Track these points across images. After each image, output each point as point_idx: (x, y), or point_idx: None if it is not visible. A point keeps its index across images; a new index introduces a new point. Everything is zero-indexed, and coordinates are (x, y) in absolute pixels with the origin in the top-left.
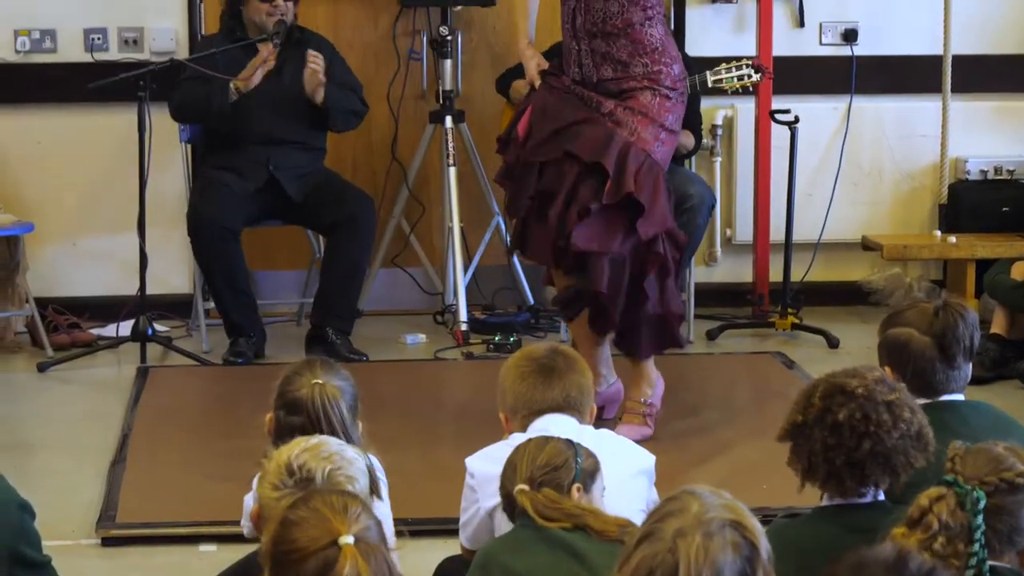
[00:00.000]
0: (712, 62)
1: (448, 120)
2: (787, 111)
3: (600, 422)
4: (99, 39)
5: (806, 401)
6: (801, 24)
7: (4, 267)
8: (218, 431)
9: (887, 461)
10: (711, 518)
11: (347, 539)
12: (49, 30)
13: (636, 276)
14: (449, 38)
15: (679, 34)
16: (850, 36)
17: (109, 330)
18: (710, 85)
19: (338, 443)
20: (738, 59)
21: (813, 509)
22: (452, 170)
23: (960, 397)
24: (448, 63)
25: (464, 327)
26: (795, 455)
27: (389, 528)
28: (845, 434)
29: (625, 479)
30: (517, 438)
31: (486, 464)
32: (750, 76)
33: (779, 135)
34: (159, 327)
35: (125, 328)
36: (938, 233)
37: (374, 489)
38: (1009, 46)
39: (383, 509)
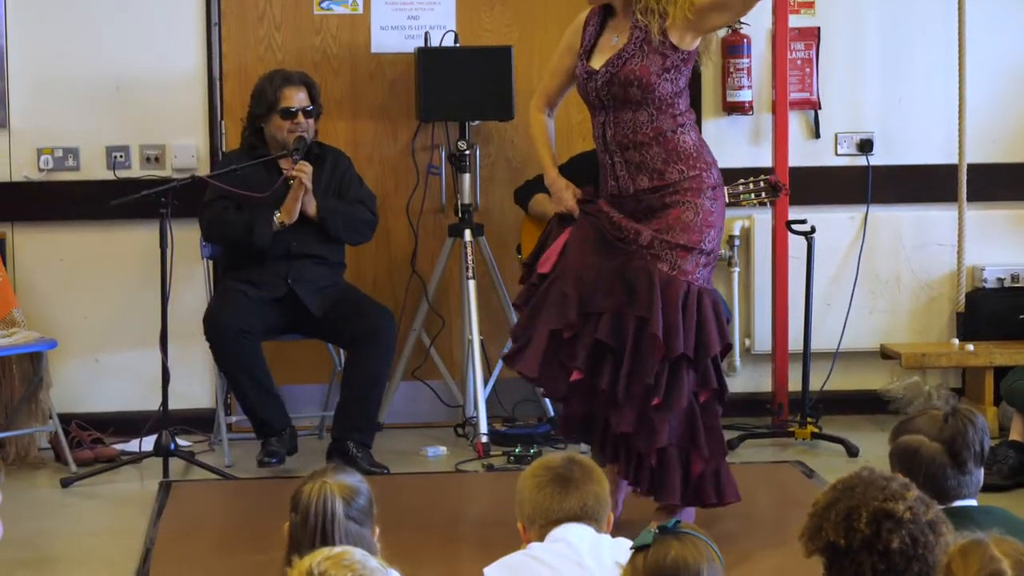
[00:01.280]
0: (729, 173)
1: (467, 233)
2: (804, 221)
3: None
4: (121, 157)
5: (847, 524)
6: (817, 135)
7: (28, 383)
8: (241, 546)
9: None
10: None
11: None
12: (72, 148)
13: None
14: (467, 152)
15: None
16: (865, 146)
17: (132, 445)
18: (727, 201)
19: (362, 553)
20: (756, 175)
21: None
22: (471, 283)
23: (973, 502)
24: (467, 177)
25: (485, 439)
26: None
27: None
28: (896, 559)
29: None
30: (535, 548)
31: (504, 573)
32: (767, 192)
33: (796, 245)
34: (181, 442)
35: (148, 443)
36: (956, 341)
37: None
38: (1023, 154)
39: None
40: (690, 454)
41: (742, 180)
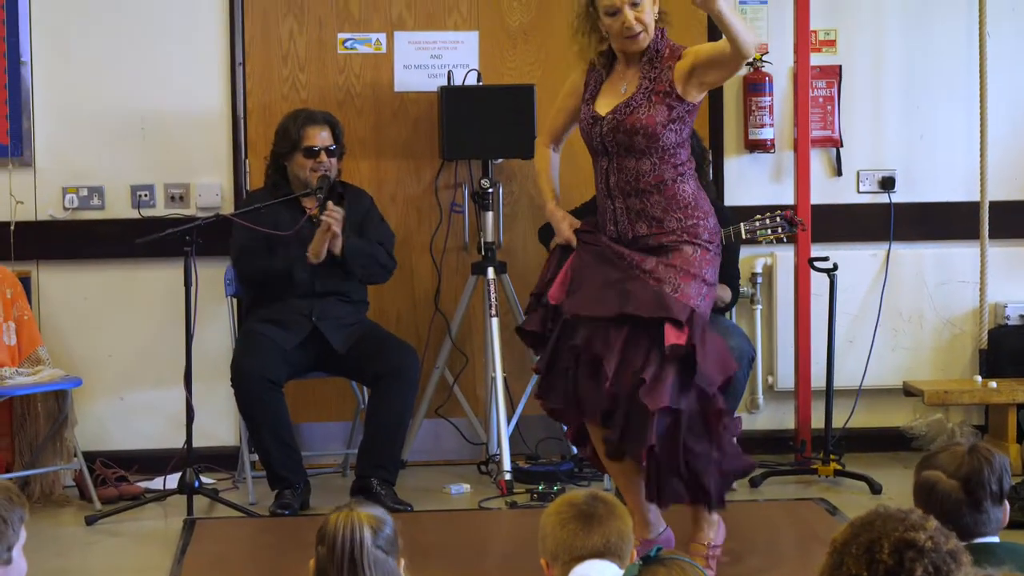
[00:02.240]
0: (750, 211)
1: (490, 271)
2: (826, 258)
3: None
4: (146, 196)
5: (869, 557)
6: (839, 172)
7: (52, 421)
8: None
9: None
10: None
11: None
12: (97, 187)
13: (697, 432)
14: (490, 190)
15: (718, 184)
16: (887, 184)
17: (156, 483)
18: (744, 237)
19: None
20: (772, 210)
21: None
22: (495, 320)
23: (995, 539)
24: (489, 215)
25: (508, 477)
26: None
27: None
28: None
29: None
30: None
31: None
32: (784, 228)
33: (818, 282)
34: (205, 479)
35: (172, 481)
36: (979, 378)
37: None
38: None
39: None
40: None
41: (758, 216)
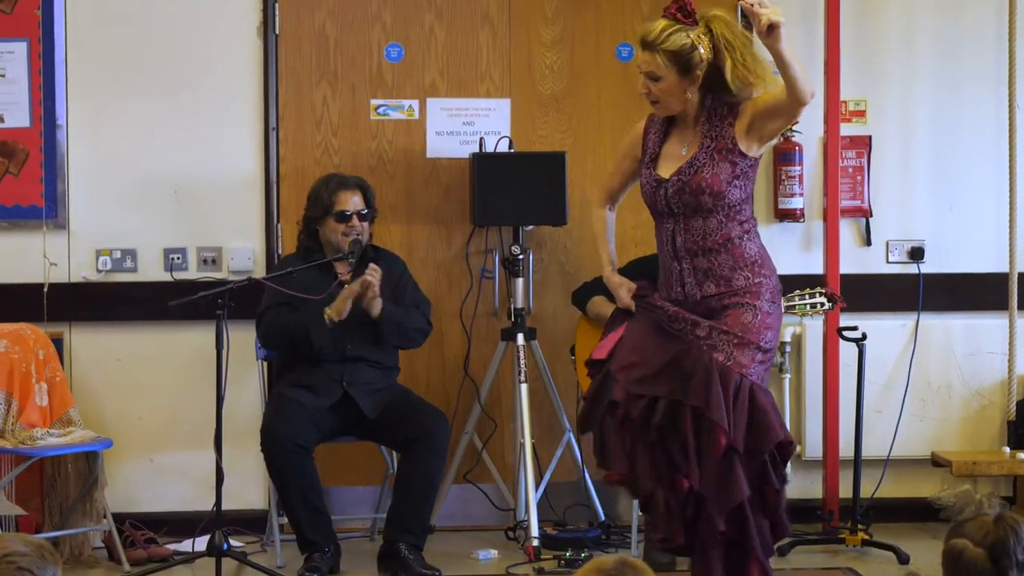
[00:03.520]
0: (780, 280)
1: (520, 337)
2: (855, 328)
3: None
4: (178, 259)
5: None
6: (868, 243)
7: (83, 483)
8: None
9: None
10: None
11: None
12: (130, 250)
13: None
14: (521, 257)
15: None
16: (916, 254)
17: (185, 545)
18: (782, 310)
19: None
20: (808, 282)
21: None
22: (524, 387)
23: None
24: (520, 281)
25: (536, 543)
26: None
27: None
28: None
29: None
30: None
31: None
32: (823, 305)
33: (847, 352)
34: (234, 542)
35: (201, 543)
36: (1007, 449)
37: None
38: None
39: None
40: (744, 553)
41: (797, 291)
